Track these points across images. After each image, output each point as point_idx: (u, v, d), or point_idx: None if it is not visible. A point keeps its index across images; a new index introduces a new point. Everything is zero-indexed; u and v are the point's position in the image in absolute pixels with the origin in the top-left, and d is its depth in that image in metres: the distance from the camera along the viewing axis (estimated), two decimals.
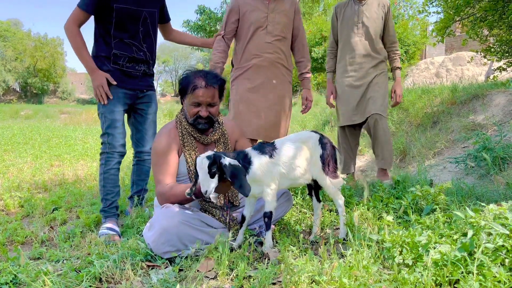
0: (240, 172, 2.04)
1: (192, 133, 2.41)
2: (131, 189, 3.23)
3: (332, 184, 2.32)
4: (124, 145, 2.88)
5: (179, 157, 2.42)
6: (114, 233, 2.66)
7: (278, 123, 3.16)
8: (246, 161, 2.15)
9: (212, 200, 2.26)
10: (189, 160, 2.39)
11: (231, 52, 3.23)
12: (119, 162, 2.88)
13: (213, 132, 2.47)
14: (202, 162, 1.99)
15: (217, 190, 2.08)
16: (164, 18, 3.12)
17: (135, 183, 3.17)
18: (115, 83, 2.79)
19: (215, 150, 2.44)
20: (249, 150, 2.21)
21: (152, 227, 2.19)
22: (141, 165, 3.14)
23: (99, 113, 2.85)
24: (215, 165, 1.98)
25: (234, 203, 2.52)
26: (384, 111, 3.40)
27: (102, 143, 2.85)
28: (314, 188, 2.44)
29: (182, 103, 2.45)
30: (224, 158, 2.03)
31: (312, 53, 13.21)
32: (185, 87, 2.35)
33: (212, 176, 1.98)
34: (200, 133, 2.44)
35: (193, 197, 2.19)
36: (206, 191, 1.98)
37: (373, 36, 3.44)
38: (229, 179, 2.01)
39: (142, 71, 2.93)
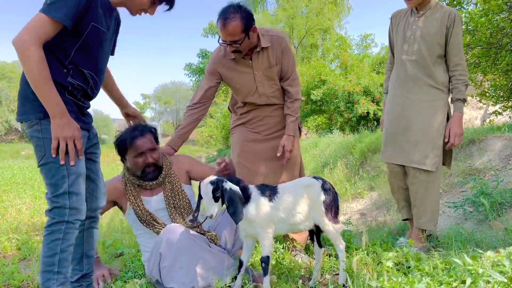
0: (236, 198, 2.08)
1: (134, 181, 2.49)
2: (77, 266, 2.20)
3: (333, 229, 2.33)
4: None
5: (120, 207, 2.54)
6: None
7: (280, 171, 2.90)
8: (245, 196, 2.17)
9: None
10: (136, 209, 2.45)
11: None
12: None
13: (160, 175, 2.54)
14: (207, 188, 2.06)
15: None
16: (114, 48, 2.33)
17: (85, 256, 2.22)
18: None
19: (162, 192, 2.55)
20: (251, 187, 2.23)
21: (166, 257, 2.22)
22: (93, 228, 2.27)
23: (48, 164, 1.89)
24: (218, 190, 2.05)
25: (216, 243, 2.51)
26: (430, 163, 2.70)
27: (56, 207, 1.90)
28: (316, 233, 2.44)
29: (123, 163, 2.55)
30: (226, 182, 2.10)
31: (311, 96, 13.44)
32: (122, 145, 2.47)
33: (216, 200, 2.05)
34: (145, 181, 2.50)
35: (191, 224, 2.34)
36: (212, 215, 2.04)
37: (427, 56, 2.73)
38: (226, 203, 2.07)
39: (87, 106, 2.16)
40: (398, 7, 3.02)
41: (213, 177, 2.11)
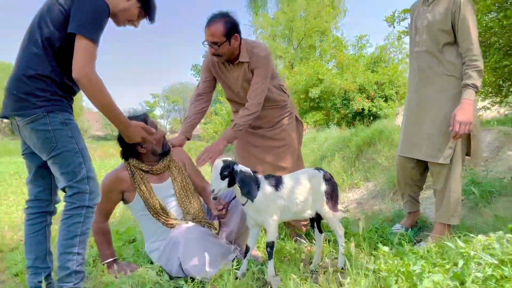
0: (250, 179, 2.09)
1: (142, 167, 2.45)
2: (43, 264, 2.05)
3: (333, 217, 2.32)
4: None
5: (124, 198, 2.47)
6: None
7: (277, 158, 2.89)
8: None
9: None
10: (147, 198, 2.40)
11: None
12: None
13: (164, 160, 2.52)
14: (218, 164, 2.06)
15: None
16: None
17: (48, 253, 2.09)
18: (153, 130, 2.27)
19: (170, 177, 2.52)
20: (260, 177, 2.23)
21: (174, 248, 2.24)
22: (51, 224, 2.17)
23: (62, 153, 1.85)
24: (227, 169, 2.05)
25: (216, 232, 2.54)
26: (443, 156, 2.48)
27: (78, 193, 1.87)
28: (316, 220, 2.44)
29: (136, 150, 2.43)
30: (237, 165, 2.10)
31: (309, 93, 13.45)
32: None
33: (222, 178, 2.04)
34: (155, 164, 2.48)
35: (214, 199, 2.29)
36: (214, 190, 2.04)
37: (435, 45, 2.49)
38: (237, 183, 2.07)
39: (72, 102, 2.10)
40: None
41: (227, 158, 2.13)
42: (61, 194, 2.03)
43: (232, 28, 2.52)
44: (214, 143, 2.60)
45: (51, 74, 1.84)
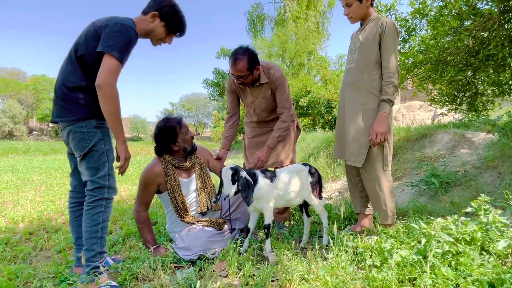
0: (249, 185, 2.06)
1: (175, 163, 2.37)
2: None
3: (318, 203, 2.32)
4: None
5: (158, 189, 2.37)
6: None
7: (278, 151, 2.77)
8: (254, 180, 2.16)
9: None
10: (175, 188, 2.33)
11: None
12: None
13: (191, 158, 2.45)
14: (227, 172, 2.03)
15: None
16: None
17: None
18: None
19: (194, 173, 2.44)
20: (257, 172, 2.22)
21: (188, 249, 2.17)
22: None
23: (91, 152, 1.83)
24: (236, 175, 2.03)
25: (213, 208, 2.46)
26: (356, 160, 2.31)
27: (99, 187, 1.84)
28: (304, 206, 2.44)
29: (170, 148, 2.35)
30: (242, 171, 2.08)
31: (299, 102, 13.45)
32: (173, 130, 2.32)
33: (233, 183, 2.03)
34: (184, 161, 2.41)
35: (215, 204, 2.33)
36: (228, 194, 2.00)
37: (364, 63, 2.31)
38: (240, 187, 2.03)
39: None
40: None
41: (232, 165, 2.09)
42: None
43: (253, 62, 2.45)
44: (262, 150, 2.57)
45: (88, 85, 1.79)
